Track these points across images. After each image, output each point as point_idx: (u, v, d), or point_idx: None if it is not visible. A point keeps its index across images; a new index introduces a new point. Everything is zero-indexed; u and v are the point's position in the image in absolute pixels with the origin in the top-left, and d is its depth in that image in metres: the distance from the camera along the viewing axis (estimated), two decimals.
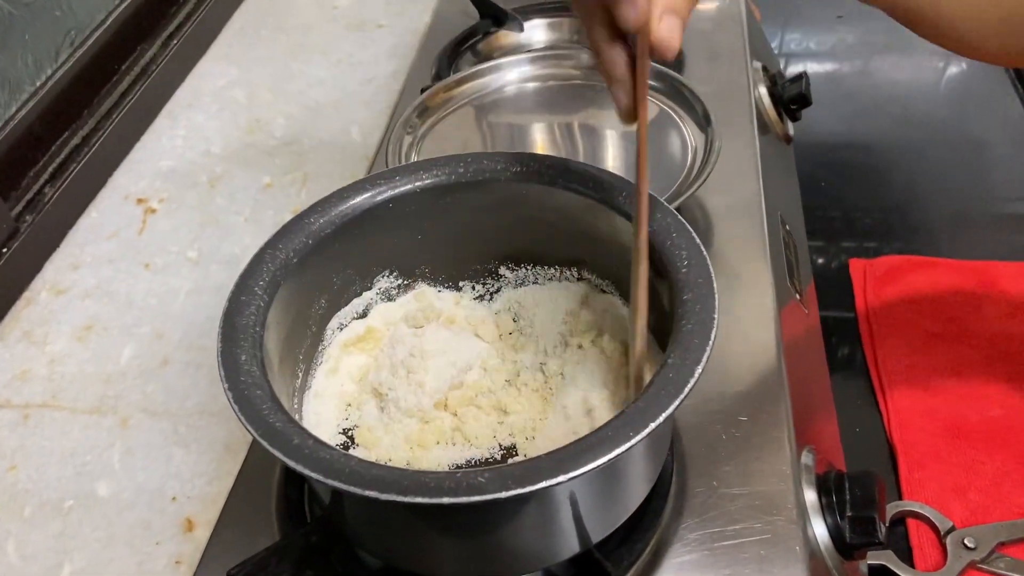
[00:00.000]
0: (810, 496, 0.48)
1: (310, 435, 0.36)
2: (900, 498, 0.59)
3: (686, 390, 0.35)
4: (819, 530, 0.47)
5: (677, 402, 0.35)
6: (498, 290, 0.54)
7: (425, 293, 0.53)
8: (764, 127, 0.74)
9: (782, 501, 0.46)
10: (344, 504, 0.41)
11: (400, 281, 0.53)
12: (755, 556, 0.44)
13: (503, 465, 0.34)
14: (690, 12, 0.39)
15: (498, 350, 0.51)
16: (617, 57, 0.40)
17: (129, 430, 0.58)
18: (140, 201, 0.76)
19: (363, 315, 0.52)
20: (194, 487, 0.54)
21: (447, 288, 0.54)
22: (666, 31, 0.38)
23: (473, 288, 0.54)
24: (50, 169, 0.73)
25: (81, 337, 0.64)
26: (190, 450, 0.56)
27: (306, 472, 0.34)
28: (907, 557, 0.56)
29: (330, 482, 0.33)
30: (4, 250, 0.67)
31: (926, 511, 0.58)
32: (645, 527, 0.45)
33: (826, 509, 0.47)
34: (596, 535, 0.42)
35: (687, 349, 0.37)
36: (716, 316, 0.38)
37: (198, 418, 0.58)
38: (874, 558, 0.54)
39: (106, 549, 0.51)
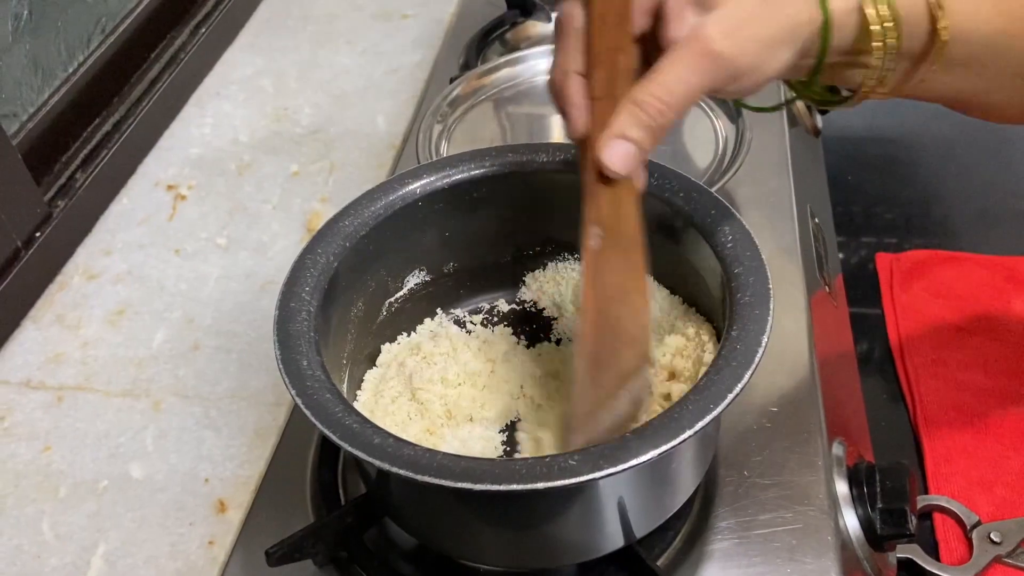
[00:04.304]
0: (841, 487, 0.48)
1: (388, 433, 0.36)
2: (926, 492, 0.59)
3: (756, 359, 0.36)
4: (850, 521, 0.47)
5: (751, 370, 0.36)
6: (523, 282, 0.55)
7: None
8: (793, 120, 0.74)
9: (813, 492, 0.47)
10: (402, 493, 0.41)
11: (428, 278, 0.53)
12: (786, 545, 0.45)
13: (589, 447, 0.34)
14: (651, 138, 0.38)
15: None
16: (581, 155, 0.39)
17: (161, 413, 0.58)
18: (170, 187, 0.76)
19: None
20: (226, 469, 0.54)
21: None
22: (607, 155, 0.38)
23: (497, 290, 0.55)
24: (82, 155, 0.74)
25: (113, 321, 0.65)
26: (221, 434, 0.57)
27: (395, 470, 0.34)
28: (933, 551, 0.56)
29: (421, 478, 0.33)
30: (37, 235, 0.67)
31: (952, 505, 0.58)
32: (677, 516, 0.45)
33: (857, 500, 0.48)
34: (641, 529, 0.42)
35: (749, 321, 0.38)
36: (771, 287, 0.39)
37: (229, 402, 0.59)
38: (901, 551, 0.54)
39: (140, 529, 0.52)
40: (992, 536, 0.56)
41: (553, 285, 0.54)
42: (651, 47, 0.39)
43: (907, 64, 0.41)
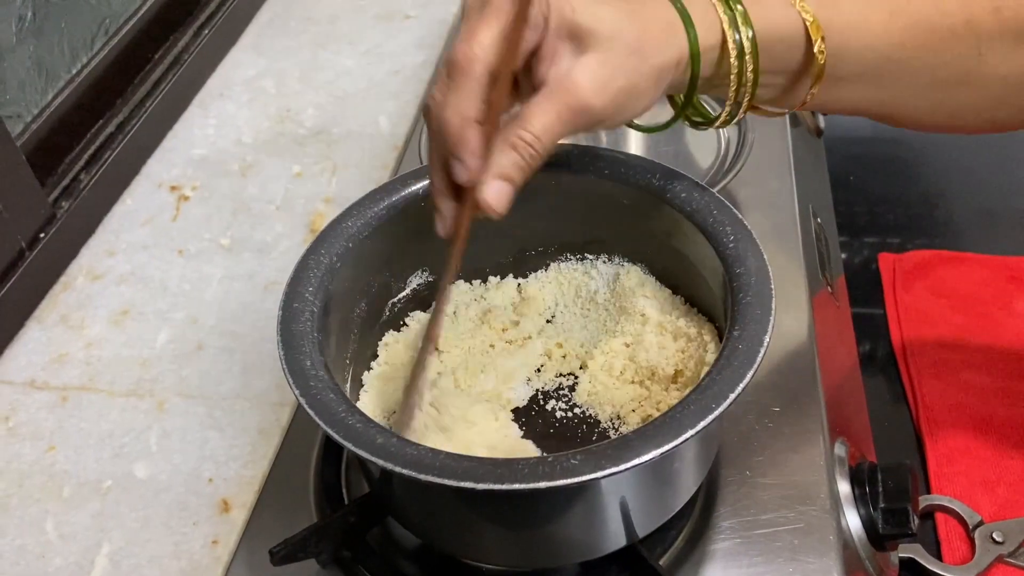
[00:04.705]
0: (843, 487, 0.48)
1: (391, 432, 0.36)
2: (929, 492, 0.60)
3: (758, 359, 0.36)
4: (852, 521, 0.47)
5: (753, 369, 0.36)
6: (525, 277, 0.55)
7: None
8: (796, 120, 0.74)
9: (815, 491, 0.47)
10: (405, 493, 0.41)
11: (431, 279, 0.53)
12: (788, 545, 0.45)
13: (591, 447, 0.35)
14: (524, 178, 0.39)
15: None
16: (444, 205, 0.41)
17: (165, 413, 0.58)
18: (173, 188, 0.76)
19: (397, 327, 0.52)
20: (229, 469, 0.55)
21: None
22: (492, 195, 0.39)
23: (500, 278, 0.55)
24: (85, 156, 0.74)
25: (117, 321, 0.65)
26: (225, 434, 0.57)
27: (398, 470, 0.34)
28: (935, 550, 0.56)
29: (424, 477, 0.34)
30: (42, 235, 0.68)
31: (955, 505, 0.58)
32: (679, 515, 0.45)
33: (859, 500, 0.48)
34: (643, 529, 0.42)
35: (750, 321, 0.38)
36: (772, 287, 0.39)
37: (232, 402, 0.59)
38: (903, 551, 0.54)
39: (144, 529, 0.52)
40: (994, 536, 0.56)
41: (555, 285, 0.54)
42: (522, 76, 0.40)
43: (783, 81, 0.42)
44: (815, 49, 0.40)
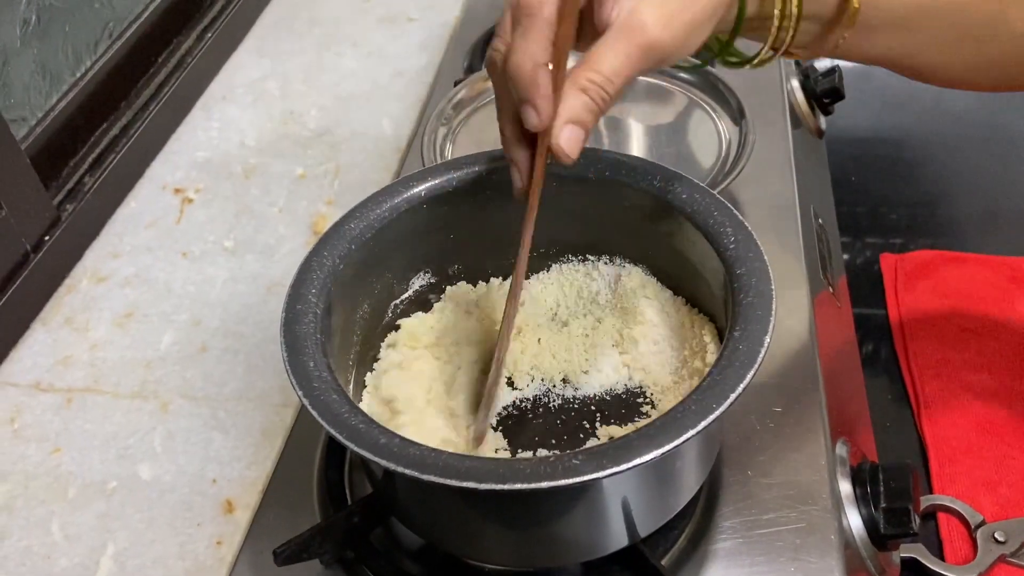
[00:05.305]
0: (845, 487, 0.48)
1: (394, 433, 0.36)
2: (931, 492, 0.60)
3: (758, 359, 0.36)
4: (853, 520, 0.47)
5: (753, 370, 0.36)
6: (527, 278, 0.55)
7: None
8: (797, 121, 0.74)
9: (817, 491, 0.47)
10: (408, 493, 0.42)
11: (433, 280, 0.53)
12: (790, 545, 0.45)
13: (591, 447, 0.35)
14: (595, 122, 0.39)
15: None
16: (518, 154, 0.41)
17: (169, 415, 0.59)
18: (177, 191, 0.77)
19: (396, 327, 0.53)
20: (233, 470, 0.55)
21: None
22: (565, 140, 0.38)
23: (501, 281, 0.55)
24: (90, 159, 0.75)
25: (121, 324, 0.66)
26: (229, 435, 0.57)
27: (400, 470, 0.34)
28: (937, 550, 0.56)
29: (426, 477, 0.34)
30: (46, 238, 0.68)
31: (957, 505, 0.58)
32: (681, 515, 0.45)
33: (860, 500, 0.48)
34: (645, 529, 0.42)
35: (751, 321, 0.38)
36: (773, 288, 0.39)
37: (236, 403, 0.59)
38: (905, 551, 0.55)
39: (148, 530, 0.52)
40: (996, 536, 0.56)
41: (557, 287, 0.55)
42: (583, 21, 0.40)
43: (818, 27, 0.43)
44: None
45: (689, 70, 0.48)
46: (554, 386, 0.50)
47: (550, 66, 0.37)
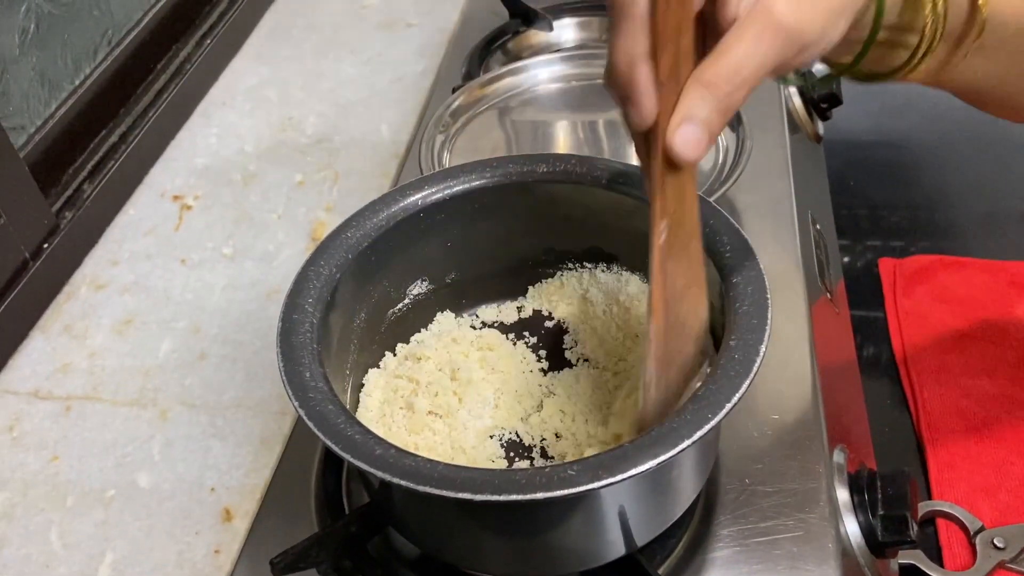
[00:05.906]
0: (842, 494, 0.48)
1: (389, 444, 0.36)
2: (930, 498, 0.60)
3: (754, 369, 0.36)
4: (851, 528, 0.47)
5: (749, 380, 0.36)
6: (525, 291, 0.55)
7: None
8: (794, 126, 0.74)
9: (814, 499, 0.47)
10: (405, 503, 0.42)
11: (431, 288, 0.53)
12: (788, 553, 0.45)
13: (587, 458, 0.35)
14: (722, 119, 0.35)
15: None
16: (646, 164, 0.37)
17: (168, 422, 0.59)
18: (176, 198, 0.77)
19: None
20: (232, 478, 0.55)
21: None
22: (679, 141, 0.34)
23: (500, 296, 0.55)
24: (89, 166, 0.75)
25: (120, 331, 0.66)
26: (227, 442, 0.57)
27: (396, 481, 0.34)
28: (936, 556, 0.56)
29: (422, 488, 0.34)
30: (45, 245, 0.68)
31: (956, 511, 0.58)
32: (678, 524, 0.45)
33: (858, 507, 0.48)
34: (642, 538, 0.42)
35: (747, 330, 0.38)
36: (769, 297, 0.39)
37: (235, 411, 0.59)
38: (904, 557, 0.55)
39: (147, 538, 0.52)
40: (996, 542, 0.56)
41: (558, 296, 0.55)
42: (706, 30, 0.37)
43: (946, 47, 0.41)
44: (979, 1, 0.39)
45: (821, 82, 0.46)
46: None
47: (652, 57, 0.34)
